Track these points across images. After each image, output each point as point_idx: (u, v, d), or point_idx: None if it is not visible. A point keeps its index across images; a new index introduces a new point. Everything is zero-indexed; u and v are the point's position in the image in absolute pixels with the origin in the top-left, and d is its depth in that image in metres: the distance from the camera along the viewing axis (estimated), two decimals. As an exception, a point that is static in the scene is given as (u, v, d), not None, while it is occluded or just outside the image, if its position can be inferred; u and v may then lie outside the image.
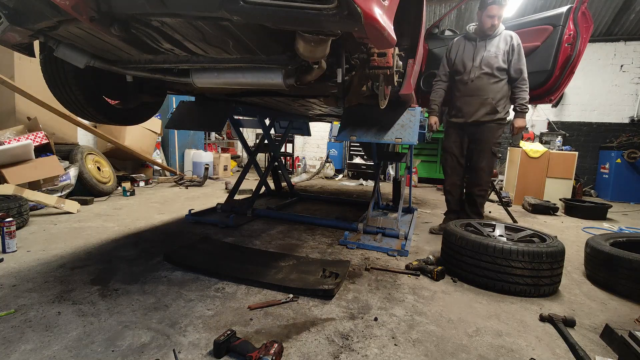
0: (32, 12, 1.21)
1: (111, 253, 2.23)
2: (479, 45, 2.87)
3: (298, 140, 8.63)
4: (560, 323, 1.55)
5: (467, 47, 2.92)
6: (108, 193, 4.15)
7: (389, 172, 7.08)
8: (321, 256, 2.33)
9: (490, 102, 2.83)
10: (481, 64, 2.82)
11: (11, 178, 3.15)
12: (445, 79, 3.06)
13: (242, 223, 3.06)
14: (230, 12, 1.03)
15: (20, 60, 3.66)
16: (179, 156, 6.39)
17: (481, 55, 2.83)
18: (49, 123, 3.92)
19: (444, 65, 3.05)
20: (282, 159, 4.80)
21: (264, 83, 1.62)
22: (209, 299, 1.67)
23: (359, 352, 1.31)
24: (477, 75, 2.84)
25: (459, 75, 2.95)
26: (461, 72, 2.92)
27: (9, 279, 1.80)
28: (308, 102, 2.92)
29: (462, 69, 2.91)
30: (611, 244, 2.16)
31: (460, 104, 2.96)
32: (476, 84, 2.85)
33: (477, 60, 2.84)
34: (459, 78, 2.95)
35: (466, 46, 2.93)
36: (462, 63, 2.91)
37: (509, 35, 2.81)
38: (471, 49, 2.89)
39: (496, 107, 2.83)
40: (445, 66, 3.05)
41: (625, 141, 5.99)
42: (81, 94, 1.94)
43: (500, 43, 2.82)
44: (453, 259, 2.07)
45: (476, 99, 2.87)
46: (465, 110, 2.93)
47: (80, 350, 1.24)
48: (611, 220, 4.19)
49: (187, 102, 3.22)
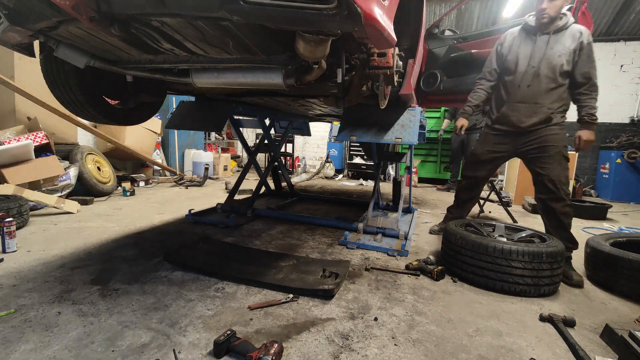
0: (32, 12, 1.21)
1: (111, 253, 2.23)
2: (539, 41, 2.29)
3: (298, 140, 8.64)
4: (560, 323, 1.55)
5: (525, 42, 2.36)
6: (108, 193, 4.15)
7: (389, 172, 7.08)
8: (321, 256, 2.33)
9: (545, 112, 2.30)
10: (540, 65, 2.27)
11: (11, 178, 3.15)
12: (491, 78, 2.55)
13: (242, 223, 3.06)
14: (230, 12, 1.03)
15: (20, 60, 3.66)
16: (179, 156, 6.39)
17: (541, 54, 2.27)
18: (49, 123, 3.92)
19: (492, 60, 2.53)
20: (282, 159, 4.81)
21: (264, 83, 1.62)
22: (209, 299, 1.67)
23: (359, 352, 1.31)
24: (533, 79, 2.30)
25: (510, 76, 2.41)
26: (513, 71, 2.39)
27: (9, 279, 1.80)
28: (308, 102, 2.92)
29: (515, 68, 2.37)
30: (611, 244, 2.16)
31: (507, 110, 2.43)
32: (532, 89, 2.31)
33: (535, 59, 2.29)
34: (510, 79, 2.41)
35: (523, 41, 2.37)
36: (515, 61, 2.37)
37: (578, 31, 2.22)
38: (529, 44, 2.33)
39: (552, 116, 2.30)
40: (494, 62, 2.52)
41: (625, 141, 6.00)
42: (81, 94, 1.94)
43: (567, 39, 2.22)
44: (453, 259, 2.07)
45: (528, 108, 2.35)
46: (512, 117, 2.41)
47: (80, 350, 1.24)
48: (611, 220, 4.19)
49: (187, 102, 3.23)
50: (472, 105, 2.63)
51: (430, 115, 7.03)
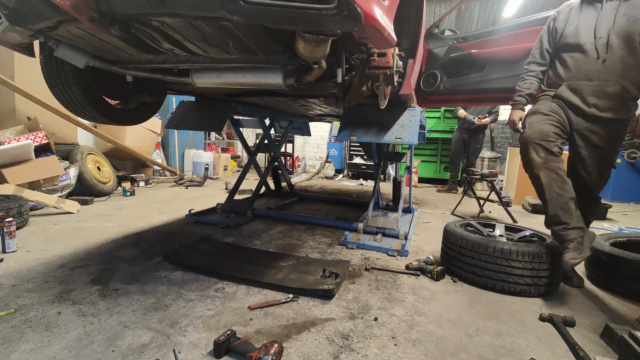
0: (32, 12, 1.21)
1: (111, 253, 2.23)
2: (605, 7, 1.89)
3: (298, 140, 8.64)
4: (560, 323, 1.55)
5: (586, 12, 1.94)
6: (108, 193, 4.15)
7: (389, 172, 7.08)
8: (321, 256, 2.33)
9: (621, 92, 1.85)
10: (610, 34, 1.84)
11: (11, 178, 3.15)
12: (542, 61, 2.08)
13: (242, 223, 3.06)
14: (230, 12, 1.03)
15: (20, 60, 3.66)
16: (179, 156, 6.40)
17: (611, 22, 1.84)
18: (49, 123, 3.92)
19: (543, 39, 2.08)
20: (282, 159, 4.81)
21: (264, 83, 1.62)
22: (209, 299, 1.67)
23: (359, 352, 1.31)
24: (606, 51, 1.84)
25: (572, 52, 1.95)
26: (574, 47, 1.94)
27: (9, 279, 1.80)
28: (308, 102, 2.92)
29: (577, 42, 1.92)
30: (611, 244, 2.16)
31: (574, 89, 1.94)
32: (607, 64, 1.85)
33: (602, 29, 1.86)
34: (572, 55, 1.95)
35: (584, 11, 1.95)
36: (576, 35, 1.93)
37: None
38: (592, 14, 1.91)
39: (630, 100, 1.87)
40: (545, 41, 2.07)
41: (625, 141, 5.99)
42: (81, 94, 1.94)
43: None
44: (453, 259, 2.07)
45: (599, 86, 1.87)
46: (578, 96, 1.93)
47: (80, 350, 1.24)
48: (611, 220, 4.19)
49: (187, 102, 3.23)
50: (524, 95, 2.11)
51: (430, 115, 7.03)
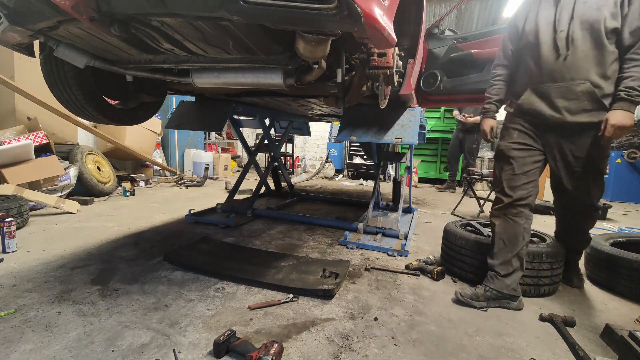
0: (32, 12, 1.21)
1: (111, 253, 2.23)
2: None
3: (298, 140, 8.64)
4: (560, 323, 1.55)
5: (545, 3, 1.71)
6: (108, 193, 4.15)
7: (389, 172, 7.08)
8: (321, 256, 2.33)
9: (592, 90, 1.59)
10: (571, 24, 1.61)
11: (11, 178, 3.15)
12: (507, 63, 1.90)
13: (242, 223, 3.06)
14: (230, 12, 1.03)
15: (20, 60, 3.66)
16: (179, 156, 6.40)
17: (570, 10, 1.62)
18: (49, 123, 3.92)
19: (506, 41, 1.89)
20: (282, 159, 4.81)
21: (264, 83, 1.62)
22: (209, 299, 1.67)
23: (359, 352, 1.31)
24: (567, 47, 1.61)
25: (533, 51, 1.72)
26: (535, 45, 1.71)
27: (9, 279, 1.80)
28: (308, 102, 2.92)
29: (536, 40, 1.70)
30: (611, 244, 2.16)
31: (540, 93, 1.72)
32: (569, 61, 1.62)
33: (563, 21, 1.63)
34: (533, 55, 1.72)
35: (543, 3, 1.72)
36: (535, 32, 1.71)
37: None
38: (552, 5, 1.68)
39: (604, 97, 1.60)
40: (508, 42, 1.87)
41: (625, 141, 5.98)
42: (81, 94, 1.94)
43: None
44: (453, 259, 2.07)
45: (566, 87, 1.64)
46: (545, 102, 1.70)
47: (80, 350, 1.24)
48: (611, 220, 4.19)
49: (187, 102, 3.23)
50: (494, 102, 1.94)
51: (430, 115, 7.03)
